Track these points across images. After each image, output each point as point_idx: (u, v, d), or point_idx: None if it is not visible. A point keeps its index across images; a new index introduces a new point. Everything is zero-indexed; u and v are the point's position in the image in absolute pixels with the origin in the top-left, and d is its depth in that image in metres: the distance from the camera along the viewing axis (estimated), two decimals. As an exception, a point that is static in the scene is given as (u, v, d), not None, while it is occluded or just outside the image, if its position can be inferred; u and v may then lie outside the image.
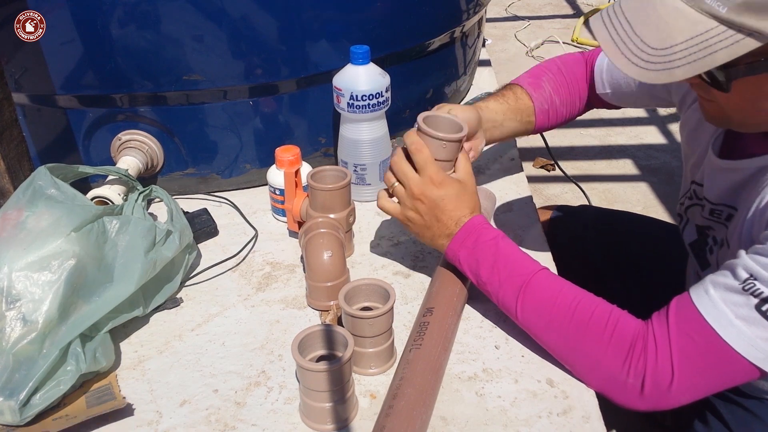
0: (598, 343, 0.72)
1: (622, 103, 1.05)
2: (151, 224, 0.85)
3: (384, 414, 0.66)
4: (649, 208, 2.28)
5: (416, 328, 0.77)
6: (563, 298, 0.75)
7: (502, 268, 0.78)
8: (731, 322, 0.65)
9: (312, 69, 1.07)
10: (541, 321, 0.76)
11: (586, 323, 0.72)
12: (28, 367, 0.72)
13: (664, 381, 0.68)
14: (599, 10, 4.14)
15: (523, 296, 0.76)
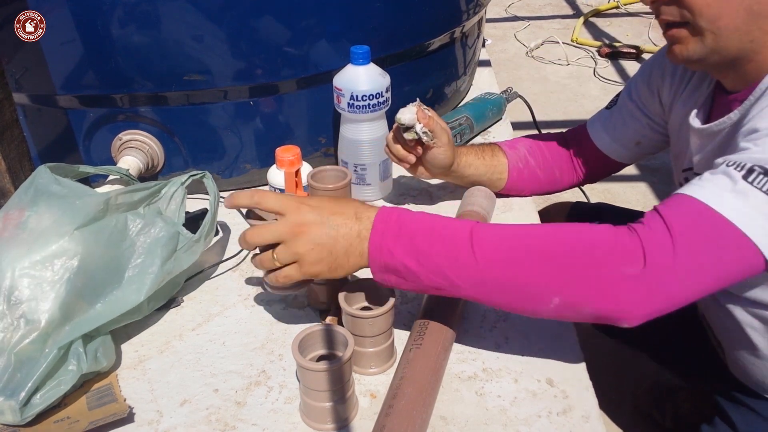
0: (583, 253, 0.64)
1: (623, 147, 1.03)
2: (174, 232, 0.81)
3: (384, 413, 0.66)
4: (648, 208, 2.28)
5: (416, 327, 0.77)
6: (515, 234, 0.67)
7: (441, 230, 0.68)
8: (721, 195, 0.62)
9: (312, 69, 1.07)
10: (508, 262, 0.66)
11: (560, 243, 0.65)
12: (29, 366, 0.72)
13: (665, 246, 0.61)
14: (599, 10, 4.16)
15: (476, 244, 0.66)
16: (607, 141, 1.03)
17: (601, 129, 1.04)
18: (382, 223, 0.69)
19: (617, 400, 1.52)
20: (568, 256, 0.65)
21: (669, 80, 0.93)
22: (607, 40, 3.56)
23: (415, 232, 0.68)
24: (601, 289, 0.63)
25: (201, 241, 0.86)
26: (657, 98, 0.96)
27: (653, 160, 2.55)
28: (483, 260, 0.66)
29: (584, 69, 3.29)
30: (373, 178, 1.09)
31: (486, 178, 1.03)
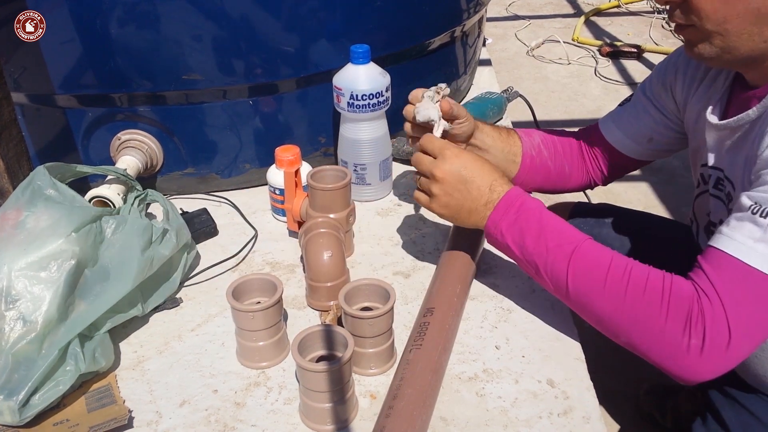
0: (658, 313, 0.69)
1: (635, 143, 1.02)
2: (147, 223, 0.85)
3: (384, 415, 0.66)
4: (649, 208, 2.28)
5: (416, 328, 0.77)
6: (616, 262, 0.73)
7: (550, 236, 0.76)
8: (752, 247, 0.66)
9: (312, 68, 1.07)
10: (594, 287, 0.73)
11: (643, 288, 0.70)
12: (27, 367, 0.71)
13: (722, 338, 0.67)
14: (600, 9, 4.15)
15: (574, 262, 0.74)
16: (619, 136, 1.02)
17: (612, 124, 1.03)
18: (505, 206, 0.79)
19: (618, 400, 1.52)
20: (644, 308, 0.70)
21: (681, 78, 0.93)
22: (608, 40, 3.55)
23: (527, 227, 0.77)
24: (663, 350, 0.70)
25: (171, 229, 0.87)
26: (671, 95, 0.96)
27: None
28: (572, 279, 0.74)
29: (585, 68, 3.28)
30: (373, 178, 1.09)
31: (501, 159, 1.01)
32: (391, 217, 1.07)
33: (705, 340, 0.67)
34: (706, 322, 0.67)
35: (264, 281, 0.80)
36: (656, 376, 1.51)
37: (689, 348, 0.67)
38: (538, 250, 0.76)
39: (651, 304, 0.69)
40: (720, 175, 0.85)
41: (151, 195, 0.94)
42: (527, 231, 0.77)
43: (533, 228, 0.77)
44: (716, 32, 0.73)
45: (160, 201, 0.93)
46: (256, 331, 0.77)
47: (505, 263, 0.95)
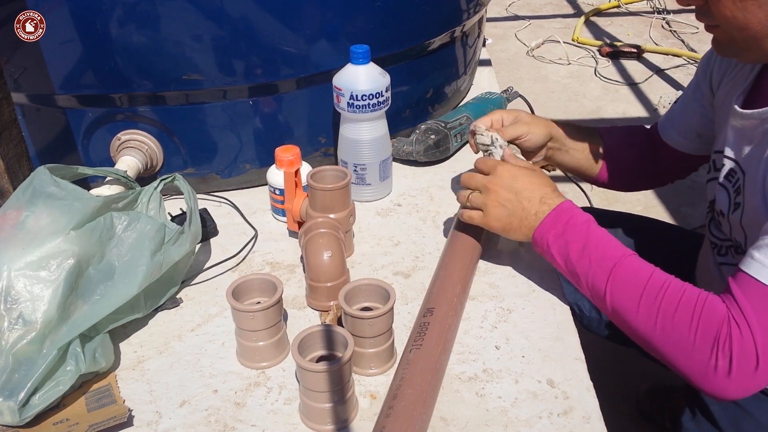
0: (687, 334, 0.71)
1: (686, 140, 1.03)
2: (160, 224, 0.83)
3: (384, 415, 0.66)
4: (649, 208, 2.28)
5: (416, 328, 0.77)
6: (655, 278, 0.74)
7: (593, 251, 0.78)
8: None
9: (312, 69, 1.07)
10: (630, 302, 0.75)
11: (676, 305, 0.72)
12: (27, 367, 0.71)
13: (750, 363, 0.68)
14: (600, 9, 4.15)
15: (613, 277, 0.76)
16: (673, 134, 1.04)
17: (667, 123, 1.04)
18: (553, 219, 0.82)
19: (618, 401, 1.52)
20: (675, 327, 0.72)
21: (719, 62, 0.93)
22: (608, 40, 3.55)
23: (572, 240, 0.79)
24: (693, 367, 0.72)
25: (187, 234, 0.86)
26: (708, 80, 0.96)
27: (654, 160, 2.54)
28: (610, 294, 0.76)
29: (585, 68, 3.29)
30: (373, 178, 1.09)
31: (582, 158, 1.05)
32: (391, 217, 1.07)
33: (732, 363, 0.68)
34: (734, 347, 0.68)
35: (264, 281, 0.80)
36: (656, 376, 1.51)
37: (717, 368, 0.69)
38: (582, 263, 0.78)
39: (682, 322, 0.71)
40: (733, 167, 0.84)
41: (178, 181, 0.92)
42: (572, 244, 0.79)
43: (579, 241, 0.79)
44: (739, 36, 0.73)
45: (186, 194, 0.91)
46: (256, 331, 0.77)
47: (505, 263, 0.95)
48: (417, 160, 1.18)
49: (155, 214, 0.90)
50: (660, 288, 0.73)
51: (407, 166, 1.20)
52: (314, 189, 0.93)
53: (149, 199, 0.90)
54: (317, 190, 0.93)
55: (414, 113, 1.25)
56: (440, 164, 1.20)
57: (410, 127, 1.23)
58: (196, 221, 0.88)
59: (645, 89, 3.02)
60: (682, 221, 2.19)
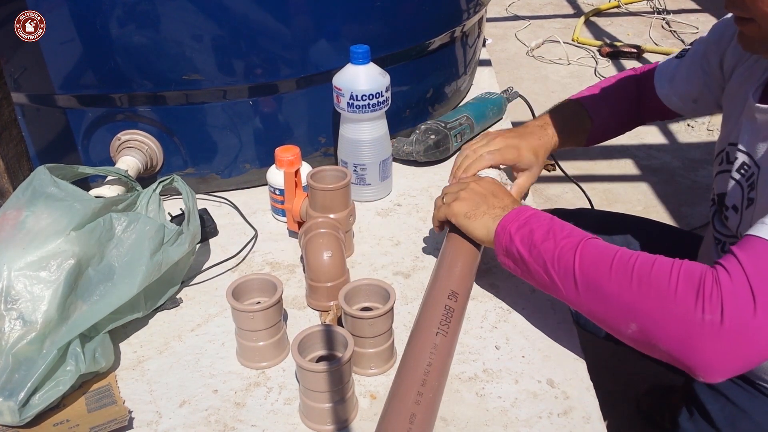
0: (666, 285, 0.63)
1: (678, 99, 1.03)
2: (159, 225, 0.83)
3: (413, 400, 0.63)
4: (649, 208, 2.28)
5: (439, 309, 0.73)
6: (623, 251, 0.70)
7: (558, 232, 0.75)
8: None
9: (312, 69, 1.07)
10: (601, 271, 0.69)
11: (650, 267, 0.66)
12: (27, 367, 0.71)
13: (746, 304, 0.60)
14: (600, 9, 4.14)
15: (581, 250, 0.71)
16: (668, 91, 1.04)
17: (665, 80, 1.04)
18: (515, 213, 0.80)
19: (618, 401, 1.52)
20: (651, 281, 0.65)
21: (734, 44, 0.91)
22: (608, 40, 3.55)
23: (536, 228, 0.76)
24: (677, 328, 0.63)
25: (186, 233, 0.86)
26: (719, 61, 0.95)
27: (653, 161, 2.54)
28: (579, 264, 0.71)
29: (585, 68, 3.29)
30: (373, 178, 1.09)
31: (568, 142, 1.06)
32: (391, 217, 1.07)
33: (724, 311, 0.59)
34: (723, 291, 0.60)
35: (264, 281, 0.80)
36: (656, 376, 1.51)
37: (704, 321, 0.60)
38: (546, 246, 0.74)
39: (659, 280, 0.64)
40: (746, 160, 0.83)
41: (176, 182, 0.92)
42: (537, 230, 0.76)
43: (542, 228, 0.76)
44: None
45: (184, 195, 0.91)
46: (256, 331, 0.77)
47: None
48: (417, 160, 1.18)
49: (155, 216, 0.90)
50: (632, 255, 0.68)
51: (407, 166, 1.20)
52: (314, 189, 0.93)
53: (148, 201, 0.90)
54: (317, 190, 0.93)
55: (414, 113, 1.25)
56: (440, 164, 1.20)
57: (410, 127, 1.23)
58: (195, 221, 0.88)
59: (645, 89, 3.02)
60: (682, 221, 2.19)
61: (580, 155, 2.59)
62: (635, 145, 2.64)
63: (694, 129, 2.72)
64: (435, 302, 0.74)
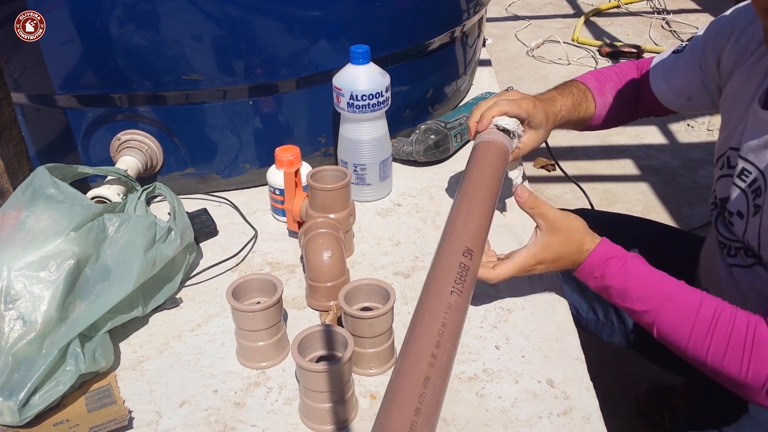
0: (741, 358, 0.72)
1: (673, 96, 1.03)
2: (151, 222, 0.84)
3: (427, 363, 0.58)
4: (649, 208, 2.28)
5: (454, 266, 0.68)
6: (701, 319, 0.75)
7: (633, 297, 0.79)
8: None
9: (312, 69, 1.07)
10: (680, 343, 0.77)
11: (728, 336, 0.73)
12: (27, 367, 0.71)
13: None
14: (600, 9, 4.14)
15: (658, 324, 0.78)
16: (663, 88, 1.03)
17: (661, 77, 1.03)
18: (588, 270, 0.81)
19: (618, 401, 1.52)
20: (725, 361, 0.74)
21: (733, 43, 0.90)
22: (607, 40, 3.55)
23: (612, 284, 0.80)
24: (738, 392, 0.76)
25: (176, 229, 0.86)
26: (716, 59, 0.94)
27: (653, 161, 2.54)
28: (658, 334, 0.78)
29: (585, 68, 3.28)
30: (373, 178, 1.09)
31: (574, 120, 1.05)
32: (391, 217, 1.07)
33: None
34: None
35: (264, 281, 0.80)
36: (656, 376, 1.51)
37: (760, 397, 0.73)
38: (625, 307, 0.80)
39: (735, 351, 0.72)
40: (747, 167, 0.83)
41: (159, 188, 0.94)
42: (612, 290, 0.80)
43: (617, 294, 0.80)
44: None
45: (168, 197, 0.92)
46: (256, 331, 0.77)
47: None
48: (417, 160, 1.18)
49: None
50: (708, 329, 0.74)
51: (407, 166, 1.20)
52: (314, 189, 0.93)
53: (135, 209, 0.91)
54: (317, 190, 0.93)
55: (414, 113, 1.25)
56: (440, 164, 1.20)
57: (410, 127, 1.23)
58: (182, 217, 0.89)
59: (645, 89, 3.02)
60: (682, 221, 2.19)
61: (580, 155, 2.59)
62: (635, 145, 2.64)
63: (694, 129, 2.72)
64: (449, 259, 0.69)
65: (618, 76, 1.09)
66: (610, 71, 1.10)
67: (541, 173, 2.46)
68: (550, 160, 2.44)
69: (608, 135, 2.71)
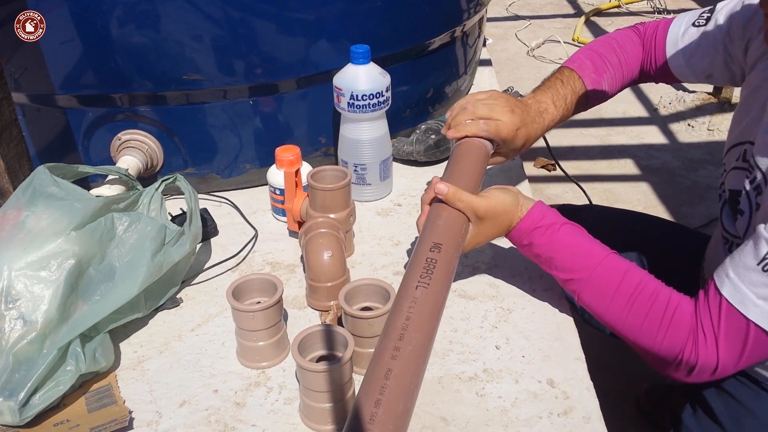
0: (656, 334, 0.75)
1: (691, 73, 1.00)
2: (161, 225, 0.83)
3: (389, 355, 0.60)
4: (649, 208, 2.27)
5: (420, 262, 0.70)
6: (624, 286, 0.77)
7: (558, 266, 0.81)
8: (754, 302, 0.70)
9: (312, 69, 1.07)
10: (600, 307, 0.79)
11: (646, 312, 0.76)
12: (27, 367, 0.71)
13: (710, 367, 0.74)
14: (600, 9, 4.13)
15: (582, 291, 0.80)
16: (681, 64, 0.99)
17: (681, 55, 0.99)
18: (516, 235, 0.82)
19: (618, 400, 1.52)
20: (643, 328, 0.77)
21: (760, 36, 0.88)
22: (608, 40, 3.55)
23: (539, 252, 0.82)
24: (657, 363, 0.79)
25: (188, 233, 0.86)
26: (745, 45, 0.91)
27: (653, 161, 2.54)
28: (579, 301, 0.81)
29: (585, 68, 3.28)
30: (373, 178, 1.09)
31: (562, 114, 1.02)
32: (391, 217, 1.07)
33: (694, 371, 0.75)
34: (699, 356, 0.74)
35: (264, 281, 0.80)
36: (656, 376, 1.51)
37: (678, 370, 0.76)
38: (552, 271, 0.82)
39: (649, 326, 0.76)
40: (753, 163, 0.82)
41: (179, 182, 0.92)
42: (540, 255, 0.82)
43: (544, 261, 0.82)
44: None
45: (186, 194, 0.91)
46: (256, 331, 0.77)
47: (505, 263, 0.95)
48: (417, 160, 1.18)
49: (156, 215, 0.90)
50: (630, 296, 0.77)
51: (407, 166, 1.20)
52: (314, 189, 0.93)
53: (150, 200, 0.90)
54: (317, 190, 0.93)
55: (414, 113, 1.25)
56: (440, 164, 1.20)
57: (410, 127, 1.23)
58: (197, 222, 0.88)
59: (645, 89, 3.02)
60: (682, 221, 2.19)
61: (580, 155, 2.59)
62: (635, 145, 2.64)
63: (694, 129, 2.72)
64: (417, 257, 0.72)
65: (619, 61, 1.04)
66: (610, 53, 1.04)
67: (542, 173, 2.46)
68: (550, 160, 2.44)
69: (608, 135, 2.71)
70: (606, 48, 1.05)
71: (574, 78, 1.02)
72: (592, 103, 1.04)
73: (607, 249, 0.81)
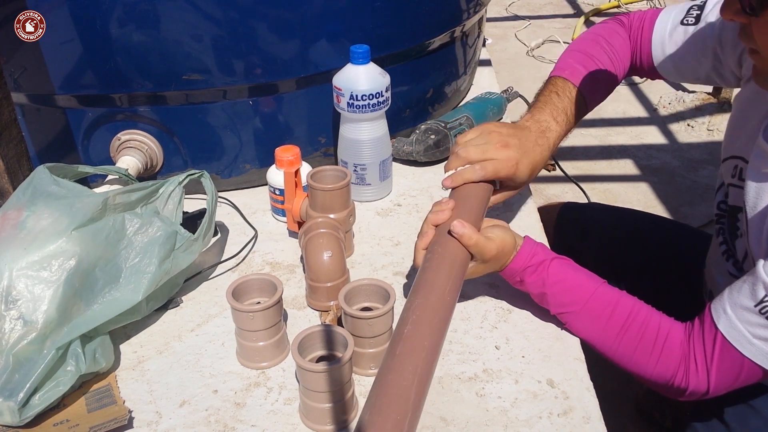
0: (647, 362, 0.78)
1: (679, 76, 0.99)
2: (172, 231, 0.82)
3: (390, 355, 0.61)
4: (649, 208, 2.28)
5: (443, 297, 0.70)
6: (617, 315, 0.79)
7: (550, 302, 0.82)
8: (750, 341, 0.72)
9: (312, 69, 1.07)
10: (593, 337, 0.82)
11: (637, 342, 0.78)
12: (27, 367, 0.71)
13: (700, 393, 0.78)
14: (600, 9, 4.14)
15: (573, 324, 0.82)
16: (669, 66, 0.97)
17: (668, 55, 0.96)
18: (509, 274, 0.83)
19: (618, 400, 1.51)
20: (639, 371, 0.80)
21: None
22: (607, 40, 3.55)
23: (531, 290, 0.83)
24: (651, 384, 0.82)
25: (199, 240, 0.86)
26: (738, 56, 0.88)
27: (653, 161, 2.54)
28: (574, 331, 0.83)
29: (585, 68, 3.28)
30: (373, 178, 1.09)
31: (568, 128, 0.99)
32: (391, 217, 1.07)
33: (685, 394, 0.78)
34: (689, 384, 0.77)
35: (264, 281, 0.80)
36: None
37: (669, 392, 0.80)
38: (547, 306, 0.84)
39: (641, 355, 0.78)
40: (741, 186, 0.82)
41: (204, 180, 0.91)
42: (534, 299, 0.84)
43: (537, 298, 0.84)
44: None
45: (209, 196, 0.90)
46: (256, 331, 0.77)
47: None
48: (417, 160, 1.18)
49: (173, 210, 0.89)
50: (621, 328, 0.79)
51: (407, 166, 1.20)
52: (314, 189, 0.93)
53: (170, 194, 0.89)
54: (317, 190, 0.93)
55: (414, 113, 1.25)
56: (440, 164, 1.20)
57: (410, 127, 1.23)
58: (212, 227, 0.88)
59: (645, 89, 3.02)
60: (682, 221, 2.19)
61: (580, 155, 2.59)
62: (635, 145, 2.64)
63: (694, 129, 2.72)
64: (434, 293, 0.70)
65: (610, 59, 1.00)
66: (600, 52, 1.00)
67: (542, 173, 2.46)
68: (550, 160, 2.43)
69: (608, 135, 2.71)
70: (594, 47, 1.01)
71: (569, 87, 0.97)
72: (590, 108, 1.02)
73: (597, 280, 0.82)
